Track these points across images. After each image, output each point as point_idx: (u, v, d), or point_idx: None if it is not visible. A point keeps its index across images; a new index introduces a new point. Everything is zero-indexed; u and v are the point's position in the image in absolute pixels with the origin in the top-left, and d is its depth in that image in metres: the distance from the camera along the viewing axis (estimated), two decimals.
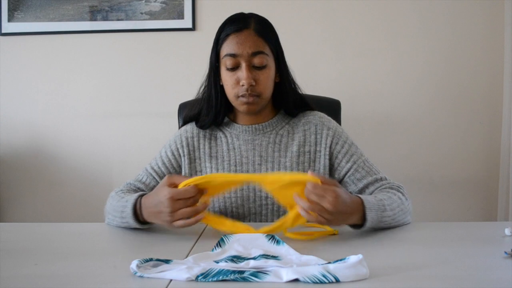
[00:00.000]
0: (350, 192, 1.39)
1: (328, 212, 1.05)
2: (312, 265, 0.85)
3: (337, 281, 0.80)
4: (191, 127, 1.45)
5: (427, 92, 2.47)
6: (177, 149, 1.43)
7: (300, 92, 1.46)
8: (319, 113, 1.46)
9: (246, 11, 1.41)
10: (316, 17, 2.48)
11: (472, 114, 2.47)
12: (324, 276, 0.80)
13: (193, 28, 2.49)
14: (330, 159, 1.39)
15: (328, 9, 2.47)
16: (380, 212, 1.14)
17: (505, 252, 0.95)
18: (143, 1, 2.49)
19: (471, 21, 2.45)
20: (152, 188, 1.40)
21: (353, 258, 0.84)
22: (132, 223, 1.19)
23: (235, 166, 1.39)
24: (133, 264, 0.85)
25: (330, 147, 1.39)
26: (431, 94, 2.47)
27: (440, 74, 2.47)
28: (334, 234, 1.14)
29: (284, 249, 0.97)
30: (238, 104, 1.36)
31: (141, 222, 1.19)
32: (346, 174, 1.38)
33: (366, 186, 1.35)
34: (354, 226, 1.15)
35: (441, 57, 2.46)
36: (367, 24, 2.47)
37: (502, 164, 2.39)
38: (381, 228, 1.17)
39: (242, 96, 1.34)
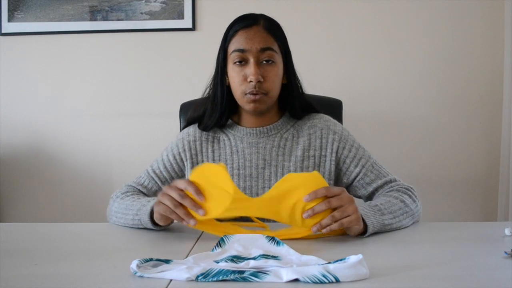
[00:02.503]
0: (360, 197, 1.39)
1: (351, 210, 1.06)
2: (312, 265, 0.85)
3: (337, 281, 0.80)
4: (193, 130, 1.43)
5: (427, 91, 2.47)
6: (179, 153, 1.41)
7: (305, 95, 1.45)
8: (325, 116, 1.44)
9: (248, 11, 1.40)
10: (317, 17, 2.48)
11: (472, 113, 2.47)
12: (324, 276, 0.80)
13: (193, 28, 2.49)
14: (337, 164, 1.37)
15: (330, 9, 2.47)
16: (379, 216, 1.14)
17: (505, 252, 0.95)
18: (143, 1, 2.49)
19: (471, 21, 2.45)
20: (154, 193, 1.39)
21: (353, 258, 0.84)
22: (146, 219, 1.18)
23: (238, 169, 1.37)
24: (133, 264, 0.85)
25: (337, 152, 1.37)
26: (431, 94, 2.47)
27: (440, 74, 2.47)
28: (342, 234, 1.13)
29: (284, 250, 0.97)
30: (245, 102, 1.33)
31: (154, 223, 1.19)
32: (355, 178, 1.36)
33: (376, 190, 1.34)
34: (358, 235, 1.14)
35: (442, 57, 2.46)
36: (368, 24, 2.47)
37: (502, 164, 2.39)
38: (386, 231, 1.17)
39: (249, 93, 1.31)
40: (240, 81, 1.32)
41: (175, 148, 1.43)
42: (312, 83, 1.57)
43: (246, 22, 1.33)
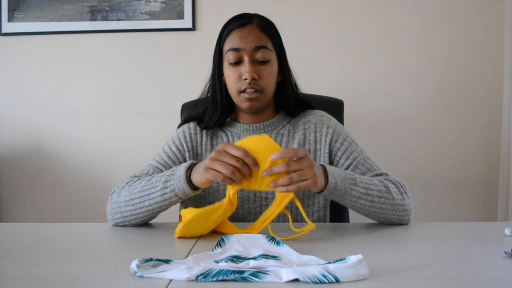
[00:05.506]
0: None
1: (310, 174, 1.07)
2: (312, 265, 0.85)
3: (337, 281, 0.80)
4: (193, 124, 1.44)
5: (428, 91, 2.47)
6: (181, 144, 1.42)
7: (300, 93, 1.46)
8: (319, 111, 1.46)
9: (248, 11, 1.41)
10: (317, 17, 2.48)
11: (472, 114, 2.47)
12: (324, 276, 0.80)
13: (193, 28, 2.49)
14: (330, 156, 1.39)
15: (330, 8, 2.47)
16: (348, 184, 1.16)
17: (505, 252, 0.95)
18: (143, 1, 2.49)
19: (471, 21, 2.45)
20: None
21: (353, 258, 0.84)
22: (182, 185, 1.17)
23: None
24: (133, 264, 0.85)
25: (330, 145, 1.39)
26: (432, 94, 2.47)
27: (440, 74, 2.47)
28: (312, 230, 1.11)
29: (284, 250, 0.97)
30: (240, 100, 1.35)
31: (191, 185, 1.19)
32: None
33: None
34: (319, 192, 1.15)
35: (442, 57, 2.46)
36: (368, 24, 2.47)
37: (502, 164, 2.39)
38: (356, 207, 1.19)
39: (245, 91, 1.33)
40: (235, 79, 1.34)
41: (176, 140, 1.43)
42: (313, 83, 1.57)
43: (240, 21, 1.36)
